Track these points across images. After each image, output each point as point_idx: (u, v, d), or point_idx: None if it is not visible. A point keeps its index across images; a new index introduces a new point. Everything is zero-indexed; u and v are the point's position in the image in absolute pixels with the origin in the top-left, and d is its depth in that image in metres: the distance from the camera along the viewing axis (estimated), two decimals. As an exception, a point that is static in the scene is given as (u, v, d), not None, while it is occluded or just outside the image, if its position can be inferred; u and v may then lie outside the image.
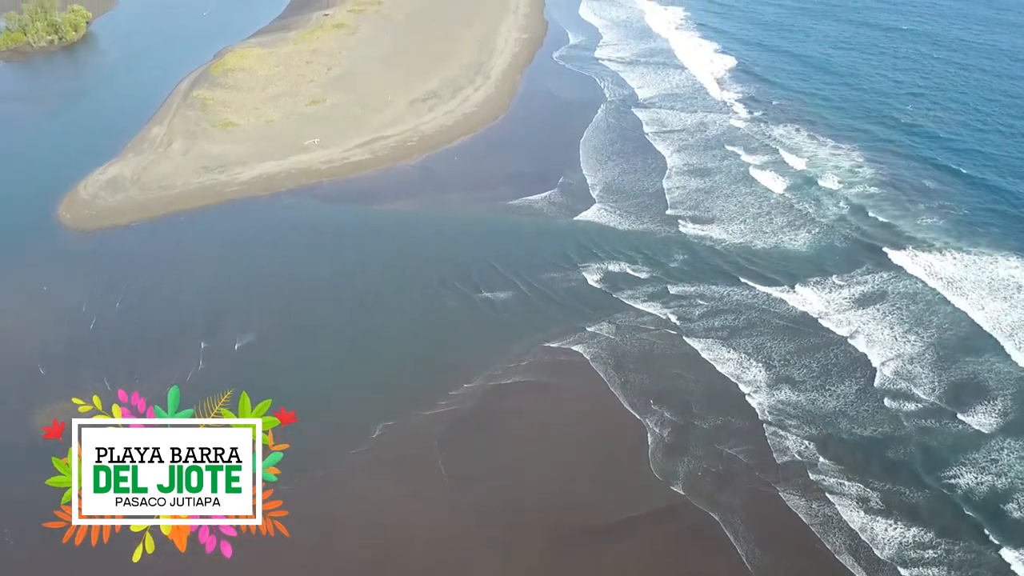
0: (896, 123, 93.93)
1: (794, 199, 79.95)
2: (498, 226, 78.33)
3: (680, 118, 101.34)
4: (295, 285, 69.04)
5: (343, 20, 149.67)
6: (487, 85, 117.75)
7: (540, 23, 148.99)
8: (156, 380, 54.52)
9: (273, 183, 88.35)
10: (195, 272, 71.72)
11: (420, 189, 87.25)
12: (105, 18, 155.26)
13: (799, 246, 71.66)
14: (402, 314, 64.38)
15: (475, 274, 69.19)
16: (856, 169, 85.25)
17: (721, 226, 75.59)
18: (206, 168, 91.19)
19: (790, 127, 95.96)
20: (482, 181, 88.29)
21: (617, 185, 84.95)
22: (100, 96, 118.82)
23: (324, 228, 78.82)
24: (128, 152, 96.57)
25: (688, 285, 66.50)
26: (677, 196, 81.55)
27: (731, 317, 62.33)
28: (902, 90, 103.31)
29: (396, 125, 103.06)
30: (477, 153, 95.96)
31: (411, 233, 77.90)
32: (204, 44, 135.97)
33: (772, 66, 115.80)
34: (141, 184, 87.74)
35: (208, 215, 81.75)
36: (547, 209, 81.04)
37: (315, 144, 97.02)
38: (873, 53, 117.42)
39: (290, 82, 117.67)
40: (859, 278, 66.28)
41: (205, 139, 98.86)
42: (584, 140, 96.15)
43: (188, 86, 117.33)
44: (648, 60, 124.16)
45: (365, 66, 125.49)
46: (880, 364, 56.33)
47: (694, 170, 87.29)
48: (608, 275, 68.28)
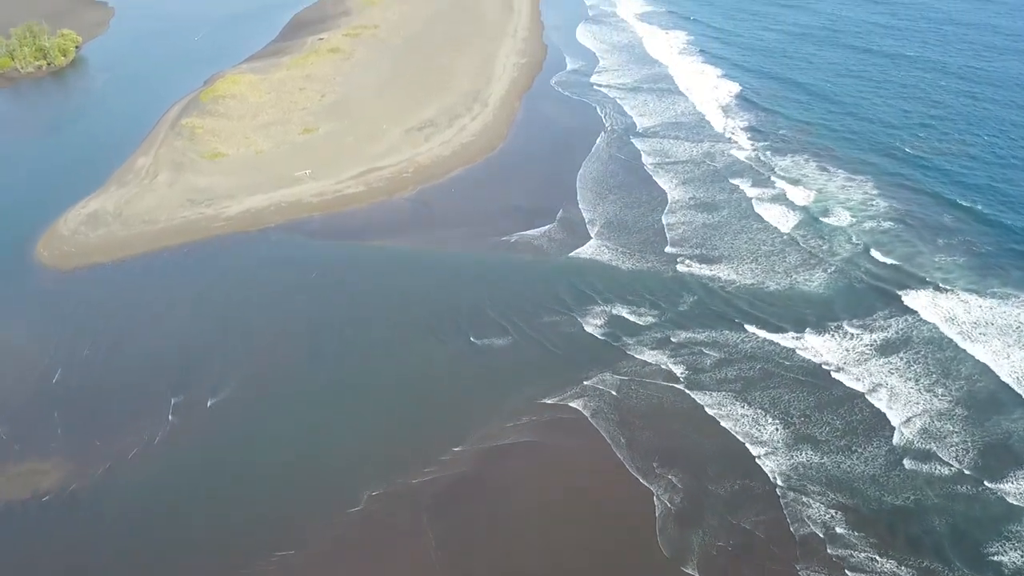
0: (906, 155, 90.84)
1: (804, 236, 76.63)
2: (494, 264, 75.06)
3: (681, 149, 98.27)
4: (277, 333, 65.50)
5: (338, 44, 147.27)
6: (485, 113, 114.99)
7: (539, 47, 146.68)
8: (120, 444, 51.18)
9: (261, 218, 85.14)
10: (172, 316, 68.25)
11: (414, 224, 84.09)
12: (95, 43, 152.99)
13: (811, 288, 68.25)
14: (390, 366, 60.82)
15: (468, 319, 65.78)
16: (868, 203, 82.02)
17: (726, 266, 72.22)
18: (192, 201, 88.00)
19: (797, 158, 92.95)
20: (479, 215, 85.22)
21: (617, 220, 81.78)
22: (87, 124, 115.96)
23: (312, 267, 75.44)
24: (112, 184, 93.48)
25: (693, 332, 63.05)
26: (680, 233, 78.30)
27: (741, 369, 58.82)
28: (910, 120, 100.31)
29: (391, 155, 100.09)
30: (474, 185, 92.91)
31: (403, 273, 74.57)
32: (196, 69, 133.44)
33: (775, 94, 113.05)
34: (123, 219, 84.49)
35: (191, 253, 78.45)
36: (545, 245, 77.87)
37: (306, 176, 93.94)
38: (879, 81, 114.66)
39: (282, 109, 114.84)
40: (876, 324, 62.82)
41: (192, 170, 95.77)
42: (583, 172, 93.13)
43: (177, 113, 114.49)
44: (648, 87, 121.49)
45: (360, 93, 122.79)
46: (901, 423, 52.81)
47: (697, 204, 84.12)
48: (608, 320, 64.85)
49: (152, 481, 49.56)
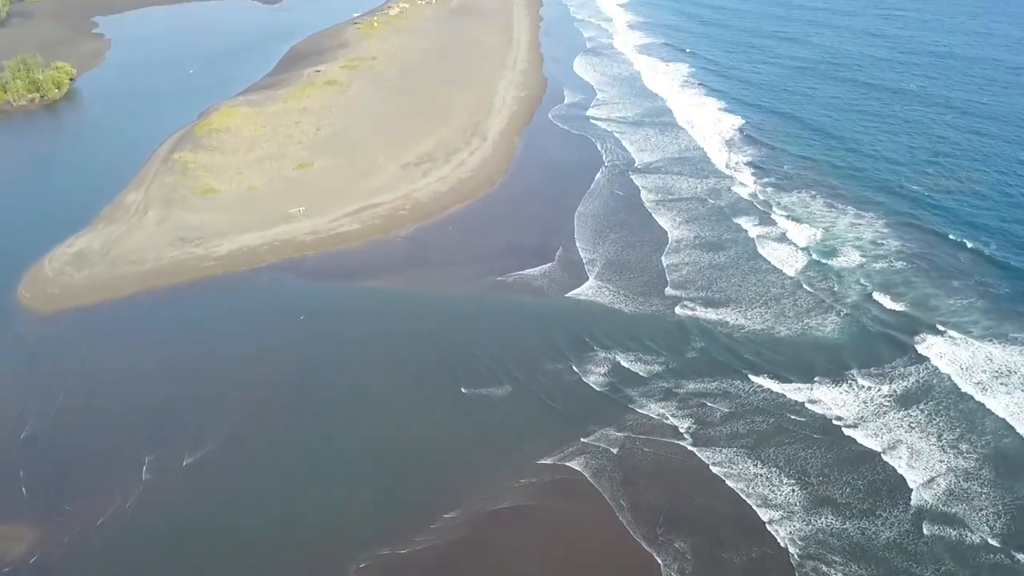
0: (914, 193, 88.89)
1: (812, 278, 74.22)
2: (489, 307, 72.53)
3: (681, 185, 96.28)
4: (260, 383, 62.47)
5: (335, 76, 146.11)
6: (484, 147, 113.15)
7: (539, 80, 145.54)
8: (90, 508, 47.96)
9: (253, 257, 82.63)
10: (152, 364, 65.22)
11: (410, 263, 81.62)
12: (90, 75, 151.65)
13: (820, 335, 65.65)
14: (378, 422, 57.66)
15: (461, 368, 62.86)
16: (878, 243, 79.76)
17: (731, 311, 69.59)
18: (182, 240, 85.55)
19: (802, 195, 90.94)
20: (476, 254, 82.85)
21: (616, 260, 79.42)
22: (78, 158, 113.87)
23: (302, 310, 72.72)
24: (101, 221, 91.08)
25: (697, 383, 60.25)
26: (682, 275, 75.81)
27: (748, 424, 55.99)
28: (916, 157, 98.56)
29: (387, 192, 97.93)
30: (472, 223, 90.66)
31: (396, 316, 71.92)
32: (191, 102, 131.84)
33: (777, 129, 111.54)
34: (110, 259, 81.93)
35: (179, 295, 75.75)
36: (543, 286, 75.44)
37: (300, 213, 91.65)
38: (882, 116, 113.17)
39: (277, 144, 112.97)
40: (890, 375, 60.18)
41: (183, 207, 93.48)
42: (583, 209, 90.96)
43: (170, 148, 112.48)
44: (647, 120, 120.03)
45: (356, 126, 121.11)
46: (922, 485, 49.94)
47: (699, 244, 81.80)
48: (607, 370, 62.07)
49: (123, 550, 46.30)
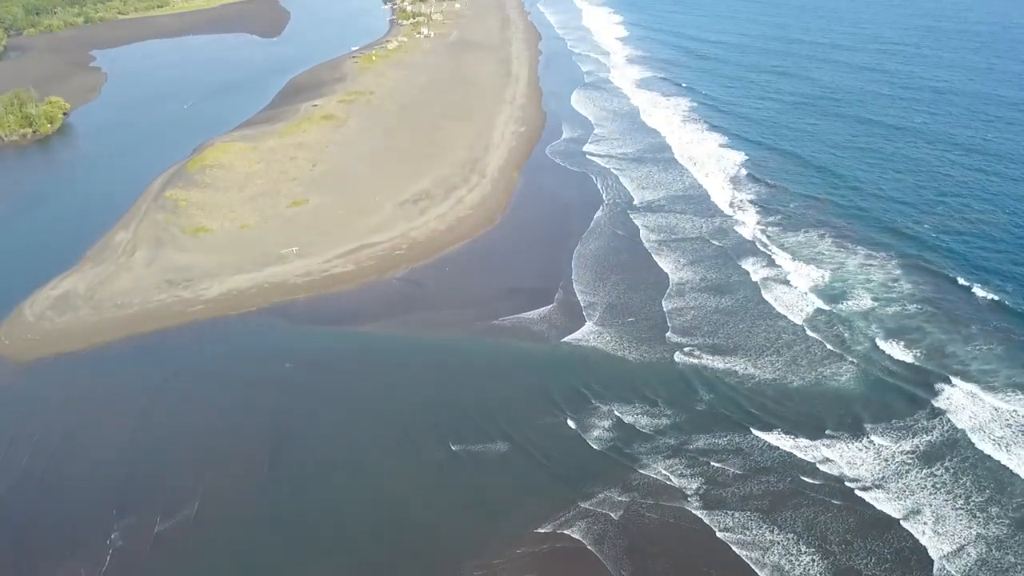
0: (924, 233, 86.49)
1: (821, 324, 71.39)
2: (485, 354, 69.76)
3: (682, 225, 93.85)
4: (240, 439, 59.33)
5: (332, 111, 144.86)
6: (483, 184, 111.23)
7: (538, 115, 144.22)
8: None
9: (243, 300, 80.00)
10: (129, 417, 62.17)
11: (405, 307, 78.97)
12: (85, 109, 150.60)
13: (832, 387, 62.79)
14: (362, 483, 54.35)
15: (452, 423, 59.87)
16: (889, 285, 77.14)
17: (735, 360, 66.64)
18: (170, 283, 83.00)
19: (809, 234, 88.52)
20: (473, 296, 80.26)
21: (616, 304, 76.79)
22: (67, 195, 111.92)
23: (290, 357, 69.96)
24: (87, 262, 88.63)
25: (702, 440, 57.19)
26: (684, 321, 72.94)
27: (756, 486, 52.86)
28: (923, 196, 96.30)
29: (384, 231, 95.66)
30: (470, 263, 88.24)
31: (387, 364, 69.18)
32: (186, 137, 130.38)
33: (779, 167, 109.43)
34: (95, 302, 79.32)
35: (163, 341, 72.98)
36: (541, 330, 72.78)
37: (293, 253, 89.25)
38: (886, 154, 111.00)
39: (271, 180, 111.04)
40: (909, 430, 57.18)
41: (173, 247, 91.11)
42: (582, 250, 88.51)
43: (162, 184, 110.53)
44: (646, 157, 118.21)
45: (353, 162, 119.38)
46: (943, 558, 46.71)
47: (701, 288, 79.14)
48: (607, 426, 59.04)
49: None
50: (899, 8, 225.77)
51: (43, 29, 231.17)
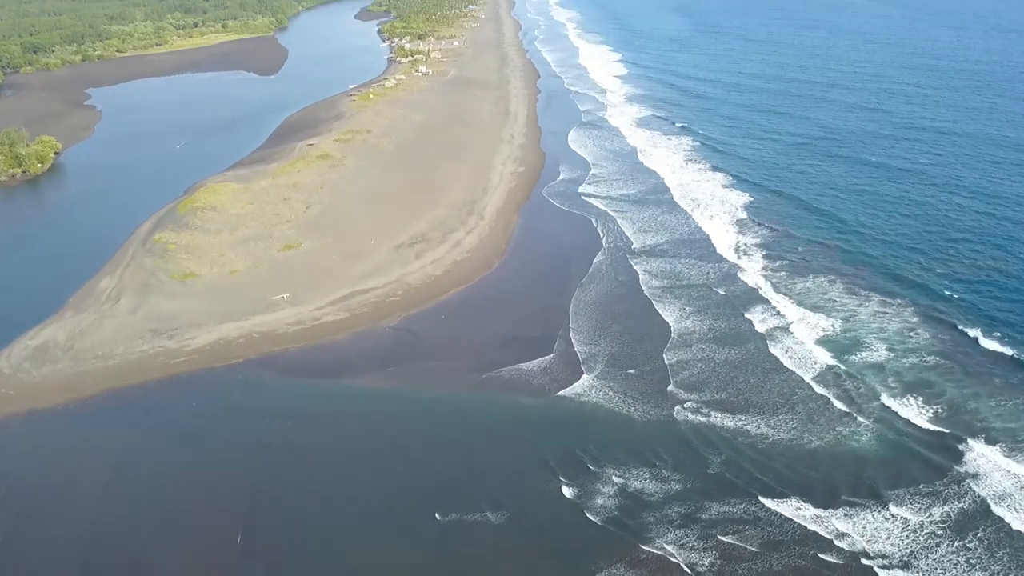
0: (937, 282, 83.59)
1: (834, 377, 68.12)
2: (479, 410, 66.45)
3: (684, 271, 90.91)
4: (212, 511, 55.47)
5: (328, 150, 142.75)
6: (481, 227, 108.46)
7: (537, 155, 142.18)
8: None
9: (230, 351, 76.45)
10: (99, 482, 58.44)
11: (398, 357, 75.53)
12: (77, 148, 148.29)
13: (847, 448, 59.28)
14: (341, 564, 50.37)
15: (439, 492, 56.21)
16: (906, 334, 74.06)
17: (742, 419, 63.11)
18: (154, 332, 79.48)
19: (818, 280, 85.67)
20: (468, 346, 76.94)
21: (617, 355, 73.54)
22: (54, 237, 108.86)
23: (277, 415, 66.49)
24: (69, 309, 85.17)
25: (708, 511, 53.54)
26: (687, 376, 69.47)
27: (775, 564, 49.03)
28: (932, 243, 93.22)
29: (378, 276, 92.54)
30: (466, 310, 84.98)
31: (376, 422, 65.71)
32: (179, 177, 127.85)
33: (781, 211, 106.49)
34: (75, 353, 75.69)
35: (143, 396, 69.33)
36: (538, 383, 69.47)
37: (284, 300, 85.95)
38: (889, 198, 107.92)
39: (264, 222, 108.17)
40: (933, 499, 53.66)
41: (159, 293, 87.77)
42: (582, 297, 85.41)
43: (151, 227, 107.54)
44: (646, 199, 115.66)
45: (348, 204, 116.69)
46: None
47: (704, 338, 75.81)
48: (606, 493, 55.46)
49: None
50: (896, 47, 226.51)
51: (40, 67, 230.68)
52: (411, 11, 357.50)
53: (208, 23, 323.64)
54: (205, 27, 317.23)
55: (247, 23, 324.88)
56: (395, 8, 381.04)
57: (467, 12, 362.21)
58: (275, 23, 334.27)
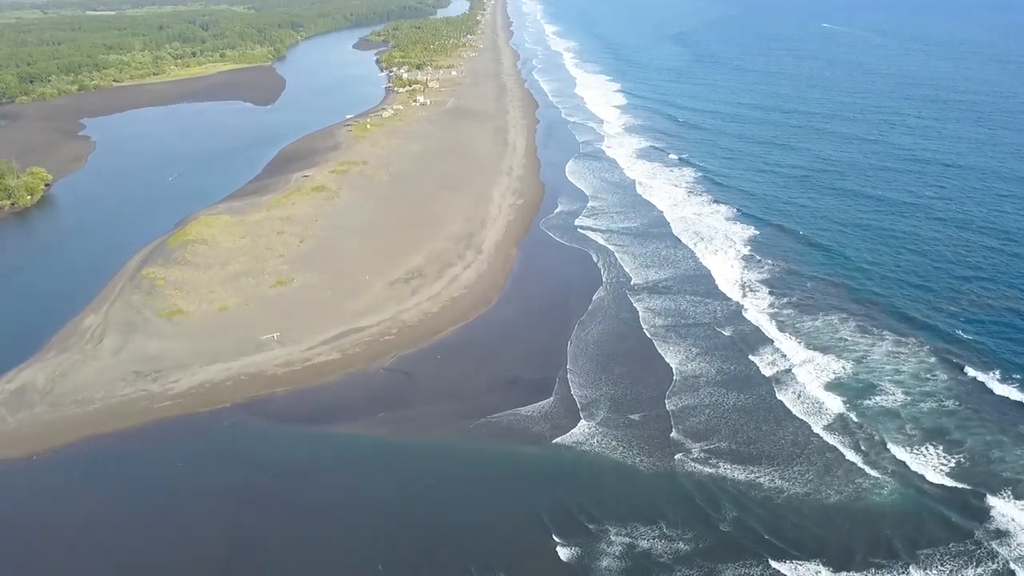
0: (949, 322, 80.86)
1: (847, 425, 65.03)
2: (474, 460, 63.30)
3: (686, 310, 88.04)
4: (189, 574, 52.12)
5: (323, 182, 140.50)
6: (479, 261, 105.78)
7: (536, 186, 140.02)
8: None
9: (215, 395, 73.19)
10: (68, 539, 54.89)
11: (392, 401, 72.36)
12: (70, 179, 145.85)
13: (864, 506, 56.01)
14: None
15: (433, 550, 53.02)
16: (922, 376, 71.11)
17: (749, 471, 59.90)
18: (137, 374, 76.26)
19: (828, 319, 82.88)
20: (465, 389, 73.86)
21: (617, 400, 70.53)
22: (39, 272, 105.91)
23: (261, 465, 63.28)
24: (51, 349, 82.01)
25: (718, 571, 50.18)
26: (690, 424, 66.31)
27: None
28: (942, 281, 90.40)
29: (373, 314, 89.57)
30: (463, 350, 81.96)
31: (364, 474, 62.37)
32: (171, 209, 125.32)
33: (784, 246, 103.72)
34: (53, 397, 72.39)
35: (122, 444, 65.99)
36: (534, 429, 66.46)
37: (274, 340, 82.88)
38: (895, 233, 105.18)
39: (256, 257, 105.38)
40: (960, 560, 50.35)
41: (144, 332, 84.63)
42: (580, 336, 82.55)
43: (140, 261, 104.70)
44: (645, 232, 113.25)
45: (343, 237, 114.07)
46: None
47: (709, 382, 72.77)
48: (611, 553, 52.10)
49: None
50: (895, 77, 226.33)
51: (36, 97, 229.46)
52: (409, 40, 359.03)
53: (206, 53, 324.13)
54: (203, 57, 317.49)
55: (245, 53, 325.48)
56: (393, 38, 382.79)
57: (465, 42, 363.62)
58: (273, 52, 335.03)
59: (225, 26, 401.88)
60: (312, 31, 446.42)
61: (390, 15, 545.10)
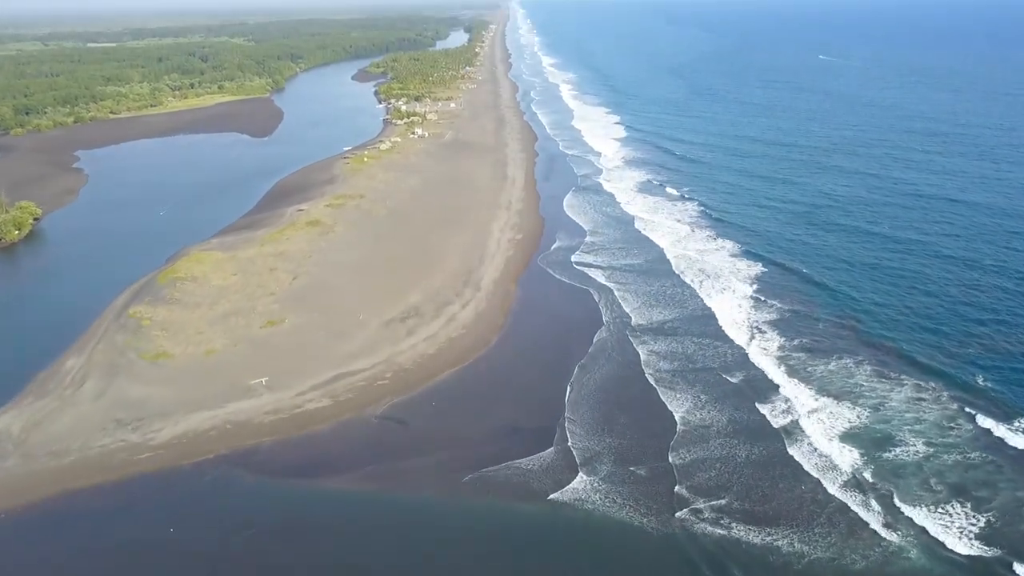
0: (966, 368, 77.63)
1: (864, 482, 61.45)
2: (468, 520, 59.78)
3: (690, 354, 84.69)
4: None
5: (319, 216, 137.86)
6: (477, 299, 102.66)
7: (536, 221, 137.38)
8: None
9: (198, 446, 69.48)
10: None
11: (383, 453, 68.81)
12: (60, 213, 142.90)
13: (895, 573, 52.22)
14: None
15: None
16: (945, 425, 67.71)
17: (761, 533, 56.30)
18: (118, 422, 72.61)
19: (842, 362, 79.71)
20: (460, 439, 70.39)
21: (618, 451, 67.14)
22: (22, 311, 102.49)
23: (245, 522, 59.61)
24: (29, 394, 78.43)
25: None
26: (696, 481, 62.79)
27: None
28: (955, 324, 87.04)
29: (366, 356, 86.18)
30: (460, 396, 78.49)
31: (352, 535, 58.71)
32: (162, 244, 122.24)
33: (788, 287, 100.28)
34: (27, 448, 68.68)
35: (96, 502, 62.20)
36: (532, 484, 63.02)
37: (262, 385, 79.37)
38: (903, 273, 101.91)
39: (246, 295, 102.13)
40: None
41: (128, 376, 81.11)
42: (582, 381, 79.27)
43: (127, 299, 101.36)
44: (648, 269, 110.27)
45: (337, 274, 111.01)
46: None
47: (714, 433, 69.28)
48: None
49: None
50: (896, 110, 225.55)
51: (31, 129, 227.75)
52: (408, 72, 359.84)
53: (204, 84, 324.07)
54: (201, 88, 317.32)
55: (243, 84, 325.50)
56: (392, 69, 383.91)
57: (464, 73, 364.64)
58: (272, 84, 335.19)
59: (224, 58, 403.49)
60: (311, 63, 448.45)
61: (389, 47, 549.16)
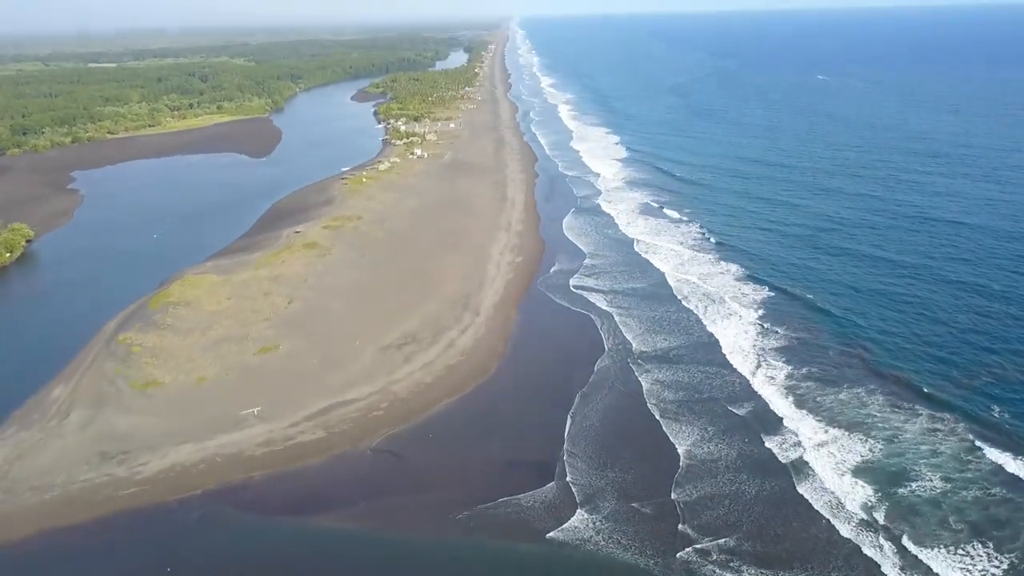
0: (979, 400, 75.29)
1: (876, 522, 59.00)
2: (461, 562, 57.36)
3: (694, 384, 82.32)
4: None
5: (315, 238, 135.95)
6: (476, 324, 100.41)
7: (536, 243, 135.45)
8: None
9: (185, 480, 66.92)
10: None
11: (378, 488, 66.34)
12: (53, 235, 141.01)
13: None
14: None
15: None
16: (963, 459, 65.31)
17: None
18: (103, 455, 70.08)
19: (851, 394, 77.35)
20: (458, 473, 68.04)
21: (620, 487, 64.88)
22: (12, 336, 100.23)
23: (234, 564, 56.86)
24: (12, 425, 75.99)
25: None
26: (701, 521, 60.49)
27: None
28: (964, 352, 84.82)
29: (362, 385, 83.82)
30: (458, 427, 76.10)
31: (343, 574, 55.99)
32: (156, 267, 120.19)
33: (792, 312, 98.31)
34: (8, 483, 66.17)
35: (75, 542, 59.75)
36: (531, 522, 60.65)
37: (254, 416, 76.92)
38: (909, 299, 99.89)
39: (240, 320, 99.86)
40: None
41: (115, 406, 78.67)
42: (583, 412, 76.92)
43: (117, 325, 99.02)
44: (650, 294, 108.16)
45: (333, 298, 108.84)
46: None
47: (719, 469, 66.93)
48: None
49: None
50: (897, 131, 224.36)
51: (28, 149, 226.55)
52: (408, 92, 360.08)
53: (203, 104, 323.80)
54: (200, 108, 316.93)
55: (243, 104, 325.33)
56: (392, 89, 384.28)
57: (464, 94, 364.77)
58: (271, 104, 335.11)
59: (224, 78, 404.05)
60: (311, 83, 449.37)
61: (389, 67, 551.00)
